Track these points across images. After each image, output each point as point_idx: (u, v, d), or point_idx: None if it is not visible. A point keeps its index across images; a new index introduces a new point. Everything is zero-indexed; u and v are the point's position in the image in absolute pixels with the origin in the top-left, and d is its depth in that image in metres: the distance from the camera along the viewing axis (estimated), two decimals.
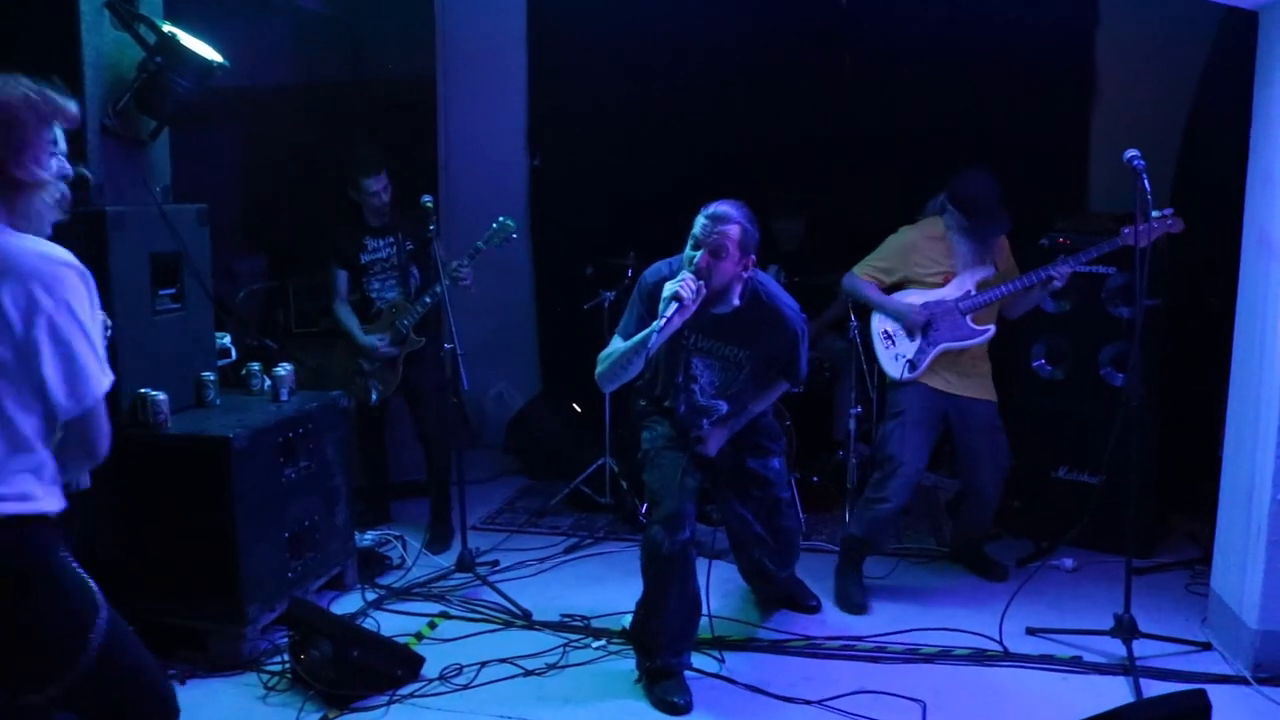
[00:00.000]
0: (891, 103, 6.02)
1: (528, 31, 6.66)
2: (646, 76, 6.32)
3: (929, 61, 5.94)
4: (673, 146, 6.30)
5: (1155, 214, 3.90)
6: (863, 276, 4.52)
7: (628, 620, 4.08)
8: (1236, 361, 4.03)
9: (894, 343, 4.48)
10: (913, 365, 4.41)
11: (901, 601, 4.41)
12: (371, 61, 6.88)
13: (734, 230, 3.51)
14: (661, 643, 3.67)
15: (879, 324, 4.53)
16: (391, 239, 5.17)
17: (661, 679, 3.64)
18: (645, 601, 3.71)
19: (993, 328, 4.40)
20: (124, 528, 3.72)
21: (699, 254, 3.52)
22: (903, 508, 4.42)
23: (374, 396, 5.13)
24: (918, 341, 4.41)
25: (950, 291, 4.39)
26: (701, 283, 3.48)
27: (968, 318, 4.37)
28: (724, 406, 3.85)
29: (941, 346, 4.37)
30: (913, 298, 4.45)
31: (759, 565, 4.22)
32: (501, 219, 4.89)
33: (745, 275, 3.61)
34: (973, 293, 4.36)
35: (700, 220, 3.56)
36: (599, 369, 3.78)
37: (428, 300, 5.00)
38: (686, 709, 3.55)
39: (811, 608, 4.35)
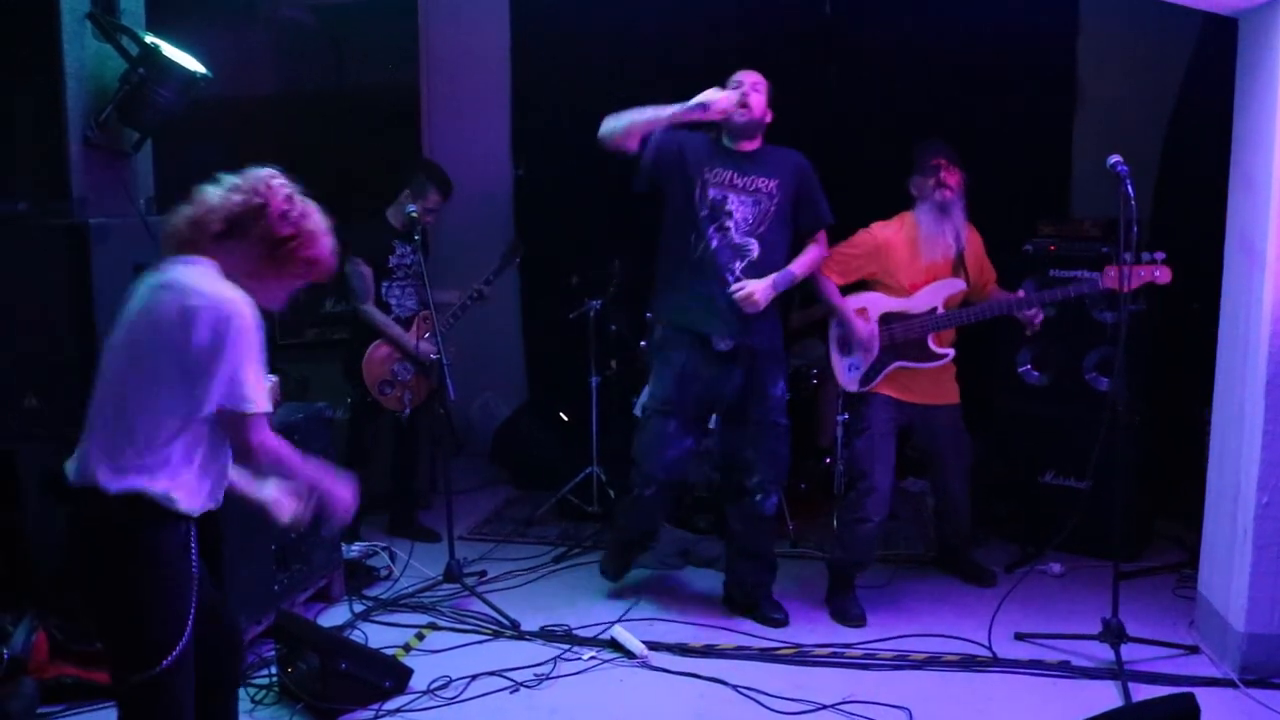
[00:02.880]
0: (874, 109, 6.05)
1: (511, 41, 6.67)
2: (631, 86, 6.31)
3: (912, 69, 5.97)
4: None
5: (1146, 255, 3.86)
6: (826, 270, 4.32)
7: (616, 631, 4.08)
8: (1221, 365, 4.05)
9: (849, 351, 4.39)
10: (864, 380, 4.34)
11: (891, 608, 4.41)
12: (356, 72, 6.88)
13: (763, 81, 4.07)
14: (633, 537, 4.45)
15: (836, 328, 4.44)
16: (414, 247, 5.13)
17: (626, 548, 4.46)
18: (615, 528, 4.53)
19: (951, 352, 4.32)
20: None
21: (740, 87, 3.98)
22: (883, 523, 4.37)
23: (406, 409, 5.10)
24: (873, 354, 4.32)
25: (916, 304, 4.28)
26: (736, 105, 3.94)
27: (929, 338, 4.28)
28: (755, 248, 3.99)
29: (895, 365, 4.30)
30: (872, 304, 4.34)
31: (745, 512, 4.24)
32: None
33: (766, 121, 4.08)
34: (939, 311, 4.26)
35: (730, 78, 4.05)
36: (611, 123, 4.04)
37: (469, 302, 5.12)
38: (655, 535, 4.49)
39: (776, 621, 4.29)
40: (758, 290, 3.93)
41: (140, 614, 2.38)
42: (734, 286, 3.93)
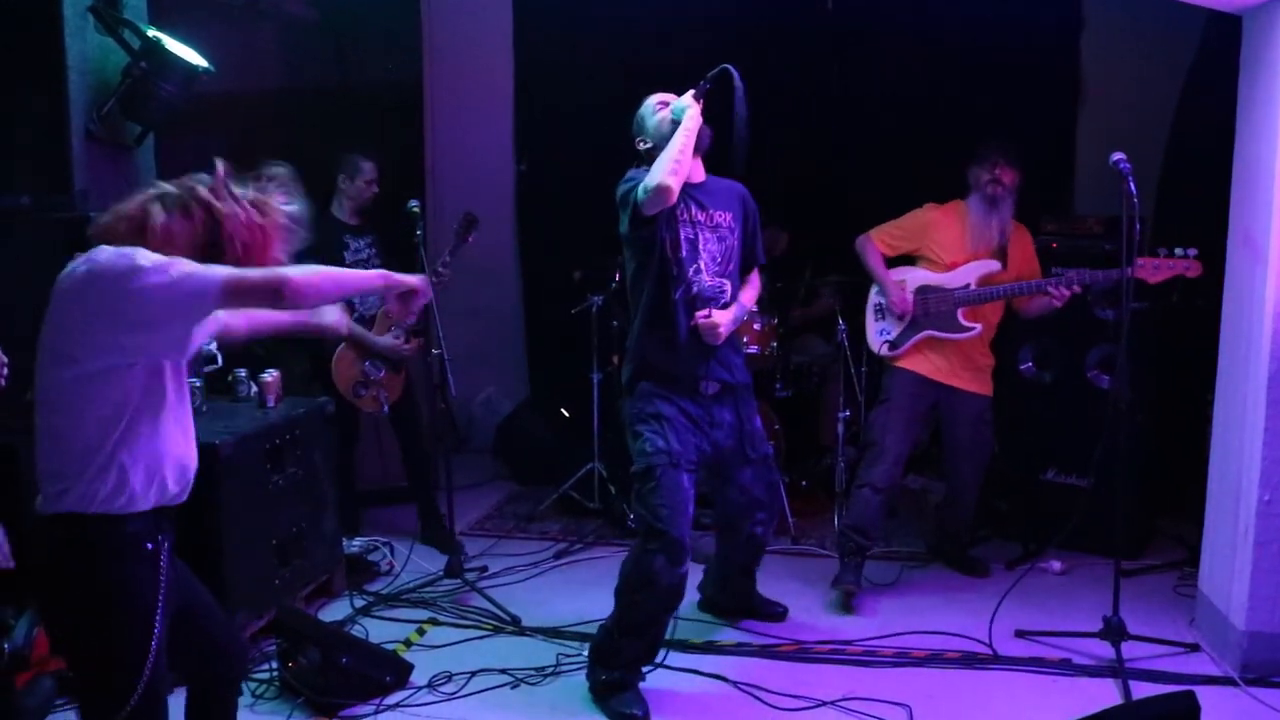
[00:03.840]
0: (877, 105, 6.05)
1: (514, 36, 6.67)
2: (633, 81, 6.30)
3: (914, 64, 5.97)
4: None
5: (1180, 251, 3.95)
6: (876, 241, 4.53)
7: None
8: (1223, 363, 4.04)
9: (883, 317, 4.55)
10: (893, 345, 4.47)
11: (891, 605, 4.41)
12: (358, 67, 6.87)
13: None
14: (628, 660, 3.61)
15: (875, 296, 4.60)
16: (370, 239, 5.10)
17: (619, 691, 3.59)
18: (621, 623, 3.59)
19: (978, 327, 4.40)
20: None
21: (693, 107, 3.58)
22: (886, 490, 4.43)
23: (384, 408, 5.02)
24: (903, 323, 4.47)
25: (952, 280, 4.41)
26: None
27: (959, 311, 4.39)
28: (727, 289, 3.73)
29: (924, 334, 4.43)
30: (911, 278, 4.48)
31: (748, 543, 4.07)
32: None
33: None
34: (972, 286, 4.38)
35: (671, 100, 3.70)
36: (652, 181, 3.43)
37: (433, 280, 4.87)
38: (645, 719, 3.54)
39: (777, 615, 4.30)
40: (723, 322, 3.68)
41: (103, 648, 2.30)
42: (700, 315, 3.66)
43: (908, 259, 4.58)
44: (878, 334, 4.56)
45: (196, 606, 2.55)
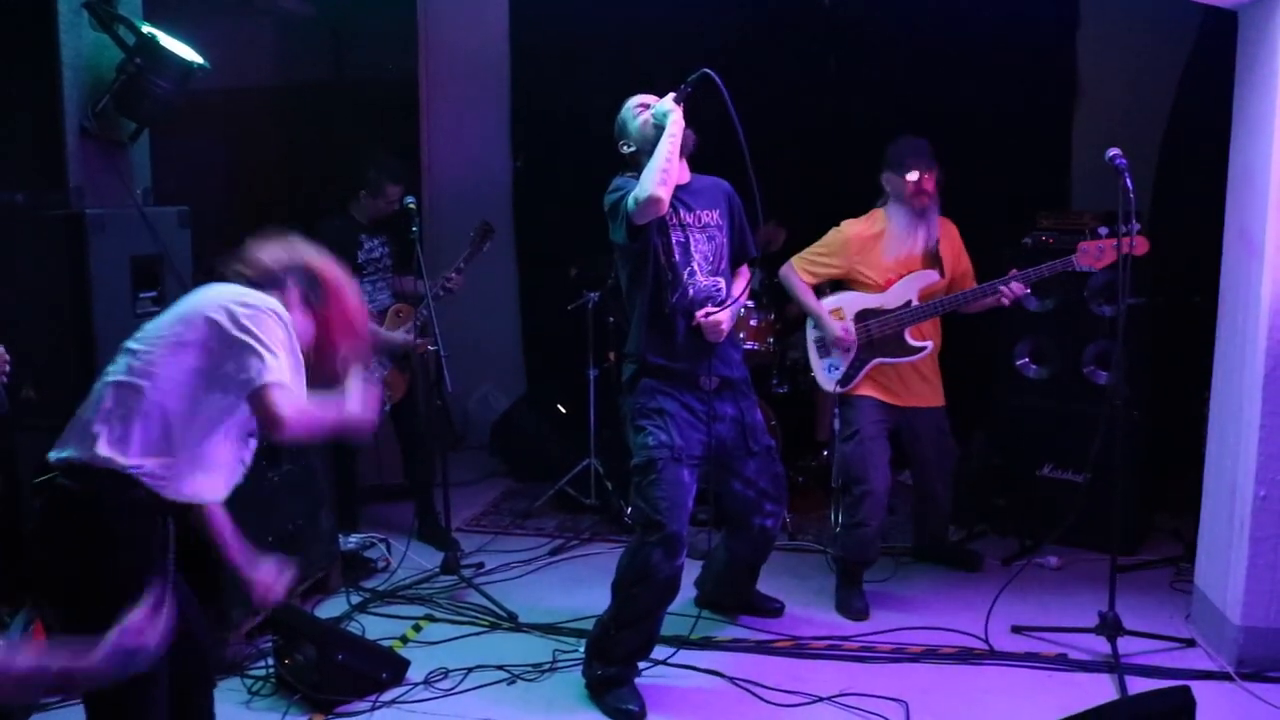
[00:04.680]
0: (873, 102, 6.03)
1: (510, 32, 6.66)
2: (629, 77, 6.30)
3: (911, 60, 5.96)
4: None
5: (1122, 228, 3.74)
6: (800, 272, 4.34)
7: None
8: (1219, 359, 4.04)
9: (828, 352, 4.39)
10: (843, 381, 4.33)
11: (888, 601, 4.41)
12: (354, 63, 6.86)
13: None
14: (624, 655, 3.62)
15: (813, 330, 4.42)
16: (383, 239, 5.09)
17: (615, 686, 3.60)
18: (619, 617, 3.60)
19: (929, 344, 4.30)
20: None
21: (675, 111, 3.56)
22: (882, 524, 4.34)
23: (387, 406, 4.98)
24: (851, 354, 4.31)
25: (891, 299, 4.26)
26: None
27: (906, 332, 4.26)
28: (722, 286, 3.73)
29: (875, 362, 4.30)
30: (848, 304, 4.33)
31: (758, 537, 4.03)
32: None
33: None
34: (914, 303, 4.24)
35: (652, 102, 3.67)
36: (642, 193, 3.44)
37: (440, 293, 4.85)
38: (642, 715, 3.52)
39: (774, 610, 4.30)
40: (725, 319, 3.70)
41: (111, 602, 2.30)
42: (700, 314, 3.66)
43: (837, 284, 4.42)
44: (825, 371, 4.38)
45: (180, 598, 2.56)
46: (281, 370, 2.45)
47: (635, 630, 3.59)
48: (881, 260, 4.27)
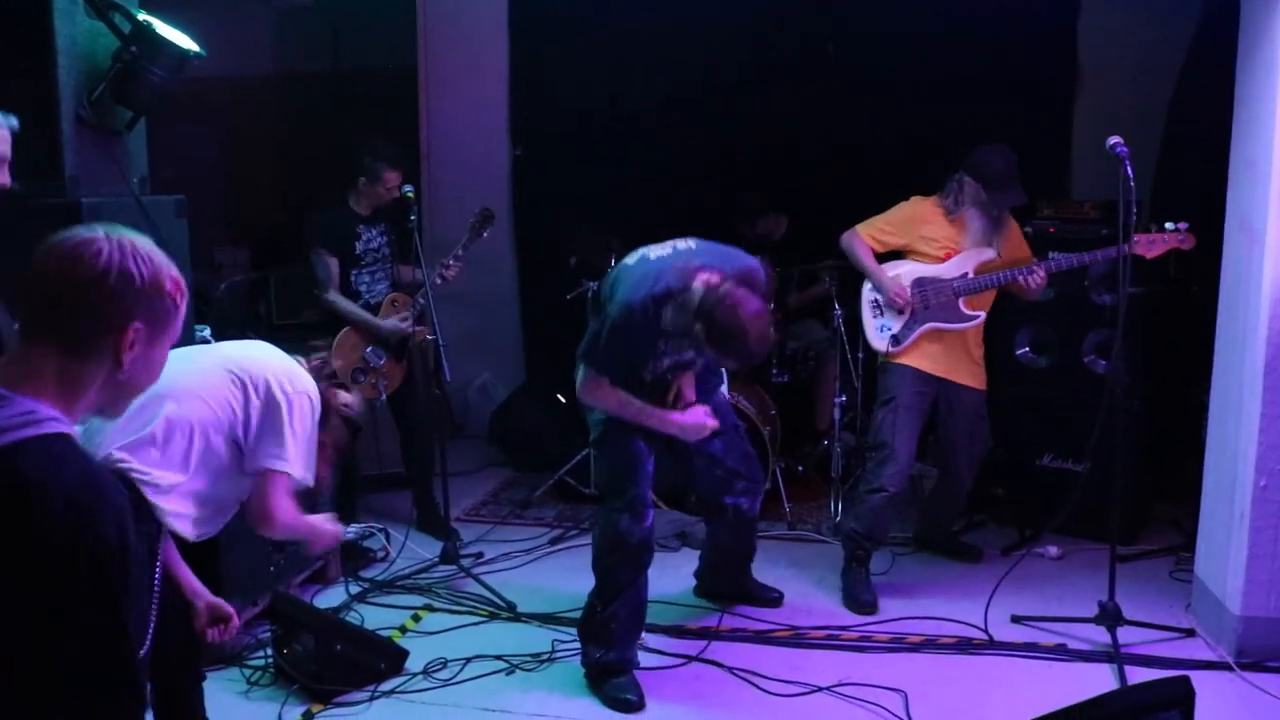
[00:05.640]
0: (874, 92, 6.02)
1: (509, 20, 6.64)
2: (628, 65, 6.30)
3: (912, 51, 5.94)
4: (655, 135, 6.29)
5: (1170, 226, 3.90)
6: (864, 237, 4.40)
7: None
8: (1219, 348, 4.03)
9: (881, 313, 4.42)
10: (896, 340, 4.35)
11: (887, 590, 4.39)
12: (353, 51, 6.84)
13: None
14: (615, 633, 3.61)
15: (869, 292, 4.47)
16: (381, 228, 5.06)
17: (614, 674, 3.60)
18: (602, 593, 3.62)
19: (982, 315, 4.34)
20: None
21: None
22: (899, 495, 4.31)
23: (383, 395, 4.96)
24: (904, 316, 4.35)
25: (948, 270, 4.32)
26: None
27: (960, 300, 4.31)
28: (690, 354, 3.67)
29: (928, 326, 4.32)
30: (906, 271, 4.37)
31: (734, 519, 4.03)
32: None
33: None
34: (970, 275, 4.29)
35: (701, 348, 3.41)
36: (590, 398, 3.61)
37: (438, 280, 4.80)
38: (640, 705, 3.52)
39: (773, 600, 4.30)
40: (686, 390, 3.73)
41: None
42: (676, 420, 3.63)
43: (894, 255, 4.46)
44: (878, 330, 4.43)
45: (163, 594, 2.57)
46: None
47: (621, 604, 3.59)
48: (945, 236, 4.33)
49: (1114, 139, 3.69)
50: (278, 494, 2.48)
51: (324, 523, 2.87)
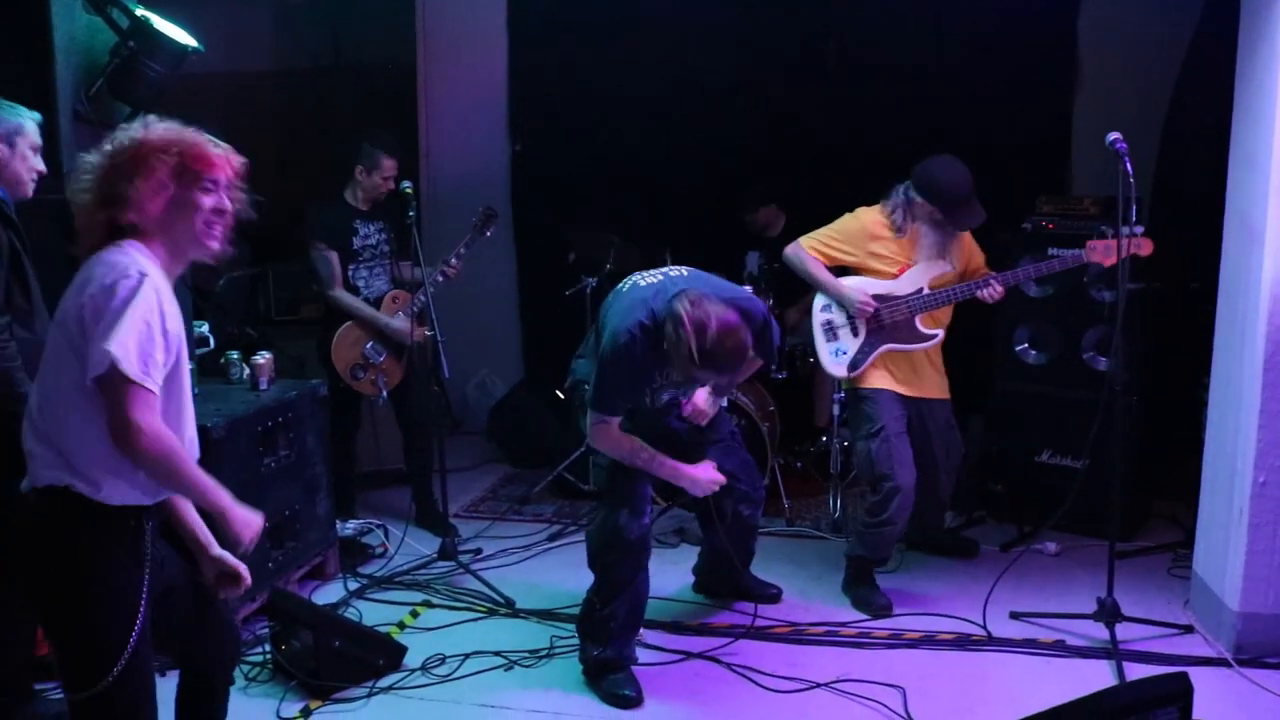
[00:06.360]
0: (874, 89, 6.01)
1: (508, 17, 6.63)
2: (628, 63, 6.30)
3: (912, 47, 5.94)
4: (654, 132, 6.28)
5: (1126, 230, 3.73)
6: (810, 252, 4.23)
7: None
8: (1219, 345, 4.03)
9: (835, 336, 4.27)
10: (852, 364, 4.23)
11: (885, 587, 4.38)
12: (352, 47, 6.84)
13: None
14: (614, 630, 3.60)
15: (821, 313, 4.30)
16: (380, 224, 5.04)
17: (612, 671, 3.59)
18: (601, 590, 3.61)
19: (940, 333, 4.23)
20: None
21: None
22: (907, 520, 4.23)
23: (384, 393, 4.94)
24: (860, 338, 4.22)
25: (902, 286, 4.18)
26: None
27: (917, 319, 4.19)
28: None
29: (885, 348, 4.20)
30: (858, 286, 4.21)
31: (734, 525, 4.04)
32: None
33: None
34: (925, 292, 4.16)
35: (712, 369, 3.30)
36: (602, 445, 3.58)
37: (439, 278, 4.79)
38: (638, 701, 3.52)
39: (772, 596, 4.29)
40: (706, 405, 3.81)
41: (81, 624, 2.28)
42: (685, 408, 3.77)
43: (845, 271, 4.31)
44: (832, 355, 4.26)
45: (179, 586, 2.53)
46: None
47: (620, 602, 3.58)
48: (897, 249, 4.18)
49: (1113, 135, 3.68)
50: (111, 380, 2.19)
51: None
